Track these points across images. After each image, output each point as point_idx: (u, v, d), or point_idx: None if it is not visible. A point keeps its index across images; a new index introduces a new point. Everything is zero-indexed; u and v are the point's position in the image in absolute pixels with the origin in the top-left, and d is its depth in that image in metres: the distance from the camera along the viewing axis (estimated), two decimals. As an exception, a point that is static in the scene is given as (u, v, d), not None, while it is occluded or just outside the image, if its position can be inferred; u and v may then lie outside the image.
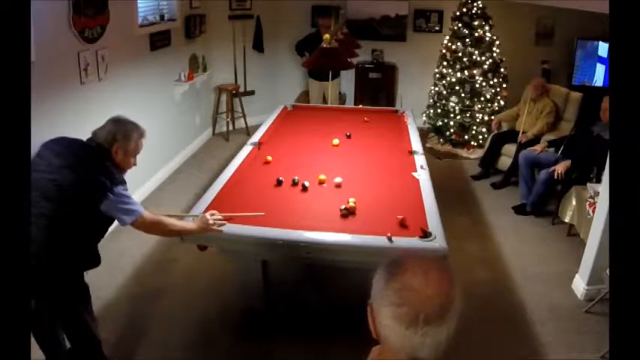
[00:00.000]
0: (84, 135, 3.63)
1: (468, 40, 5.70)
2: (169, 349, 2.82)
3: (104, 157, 2.15)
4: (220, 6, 6.05)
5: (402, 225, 2.62)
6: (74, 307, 2.17)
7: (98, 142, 2.17)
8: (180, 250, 3.56)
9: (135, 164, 2.30)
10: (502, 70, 5.80)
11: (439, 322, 0.92)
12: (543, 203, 4.47)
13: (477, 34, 5.66)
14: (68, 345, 2.30)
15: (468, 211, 4.58)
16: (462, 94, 5.81)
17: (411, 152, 3.67)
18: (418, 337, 0.92)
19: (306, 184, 3.05)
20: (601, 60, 6.14)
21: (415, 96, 6.50)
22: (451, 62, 5.85)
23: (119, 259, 3.59)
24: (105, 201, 2.05)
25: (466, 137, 5.95)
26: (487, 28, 5.69)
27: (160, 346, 2.85)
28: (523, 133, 5.03)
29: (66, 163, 2.06)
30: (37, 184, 1.95)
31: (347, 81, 6.63)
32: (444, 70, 5.90)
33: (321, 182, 3.17)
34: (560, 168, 4.22)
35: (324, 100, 6.17)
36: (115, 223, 4.19)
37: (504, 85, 5.82)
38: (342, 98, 6.58)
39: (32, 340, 2.14)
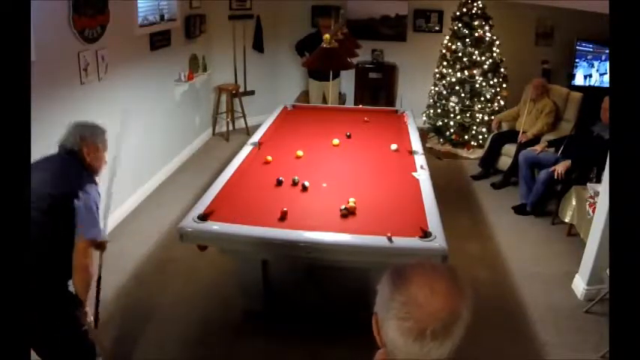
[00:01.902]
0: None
1: (468, 40, 5.70)
2: (169, 349, 2.82)
3: (75, 159, 2.15)
4: (220, 6, 6.05)
5: (282, 218, 2.67)
6: (62, 314, 2.15)
7: (67, 148, 2.16)
8: (180, 250, 3.56)
9: (106, 162, 2.29)
10: (502, 70, 5.80)
11: (446, 337, 0.90)
12: (543, 203, 4.47)
13: (477, 34, 5.66)
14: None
15: (468, 211, 4.58)
16: (462, 94, 5.82)
17: (411, 152, 3.67)
18: (424, 352, 0.91)
19: (306, 184, 3.05)
20: (601, 60, 6.14)
21: (415, 96, 6.49)
22: (451, 62, 5.85)
23: (119, 259, 3.59)
24: (77, 200, 2.01)
25: (466, 137, 5.95)
26: (487, 28, 5.69)
27: (159, 346, 2.85)
28: (523, 133, 5.03)
29: (38, 176, 2.04)
30: None
31: (347, 81, 6.63)
32: (444, 70, 5.90)
33: (298, 157, 3.50)
34: (560, 168, 4.22)
35: (324, 100, 6.17)
36: (112, 223, 4.17)
37: (504, 85, 5.82)
38: (342, 98, 6.59)
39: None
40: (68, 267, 2.06)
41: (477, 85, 5.75)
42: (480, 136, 5.88)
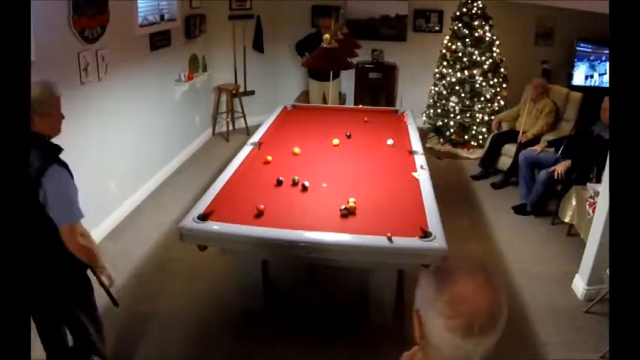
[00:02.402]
0: (84, 135, 3.64)
1: (468, 40, 5.70)
2: (169, 349, 2.83)
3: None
4: (220, 6, 6.05)
5: (258, 215, 2.70)
6: (68, 307, 2.15)
7: None
8: (180, 250, 3.56)
9: (63, 117, 2.06)
10: (502, 70, 5.80)
11: (491, 330, 0.93)
12: (543, 203, 4.47)
13: (477, 34, 5.67)
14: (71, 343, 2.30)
15: (468, 211, 4.58)
16: (462, 94, 5.82)
17: (411, 152, 3.67)
18: (472, 347, 0.93)
19: (306, 184, 3.05)
20: (601, 60, 6.14)
21: (415, 96, 6.49)
22: (451, 62, 5.85)
23: (119, 259, 3.59)
24: (40, 191, 1.87)
25: (466, 137, 5.95)
26: (487, 28, 5.69)
27: (159, 346, 2.85)
28: (523, 133, 5.03)
29: None
30: None
31: (347, 81, 6.63)
32: (444, 70, 5.90)
33: (295, 154, 3.58)
34: (560, 168, 4.22)
35: (324, 100, 6.17)
36: (112, 223, 4.16)
37: (504, 85, 5.82)
38: (342, 98, 6.58)
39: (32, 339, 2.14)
40: (62, 253, 2.00)
41: (477, 85, 5.75)
42: (480, 136, 5.88)
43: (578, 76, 6.24)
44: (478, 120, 5.84)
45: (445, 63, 5.91)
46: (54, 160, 1.94)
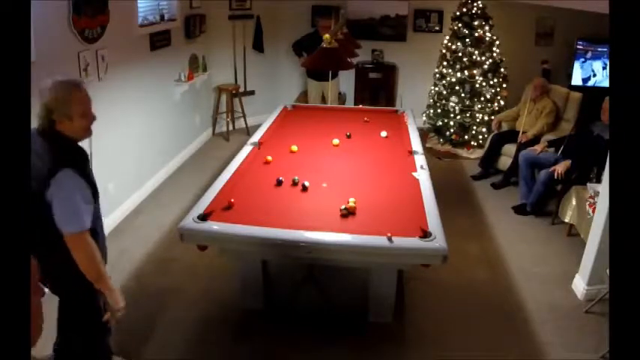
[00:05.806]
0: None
1: (468, 40, 5.70)
2: (169, 349, 2.82)
3: (49, 139, 1.89)
4: (220, 6, 6.05)
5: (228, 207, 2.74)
6: (75, 309, 2.16)
7: (39, 130, 1.90)
8: (180, 250, 3.56)
9: (94, 118, 1.99)
10: (502, 70, 5.80)
11: None
12: (543, 203, 4.47)
13: (477, 34, 5.67)
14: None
15: (468, 211, 4.58)
16: (462, 94, 5.82)
17: (411, 152, 3.68)
18: None
19: (306, 184, 3.05)
20: (600, 59, 6.15)
21: (415, 96, 6.50)
22: (451, 62, 5.85)
23: (119, 259, 3.59)
24: (47, 191, 1.82)
25: (466, 137, 5.96)
26: (487, 28, 5.69)
27: (159, 346, 2.85)
28: (523, 133, 5.03)
29: None
30: None
31: (347, 81, 6.63)
32: (444, 70, 5.90)
33: (292, 152, 3.64)
34: (560, 168, 4.22)
35: (323, 100, 6.17)
36: (112, 223, 4.16)
37: (504, 85, 5.82)
38: (342, 98, 6.59)
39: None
40: (68, 257, 1.93)
41: (477, 85, 5.75)
42: (480, 136, 5.88)
43: (578, 76, 6.24)
44: (478, 120, 5.85)
45: (445, 63, 5.91)
46: (67, 164, 1.86)
